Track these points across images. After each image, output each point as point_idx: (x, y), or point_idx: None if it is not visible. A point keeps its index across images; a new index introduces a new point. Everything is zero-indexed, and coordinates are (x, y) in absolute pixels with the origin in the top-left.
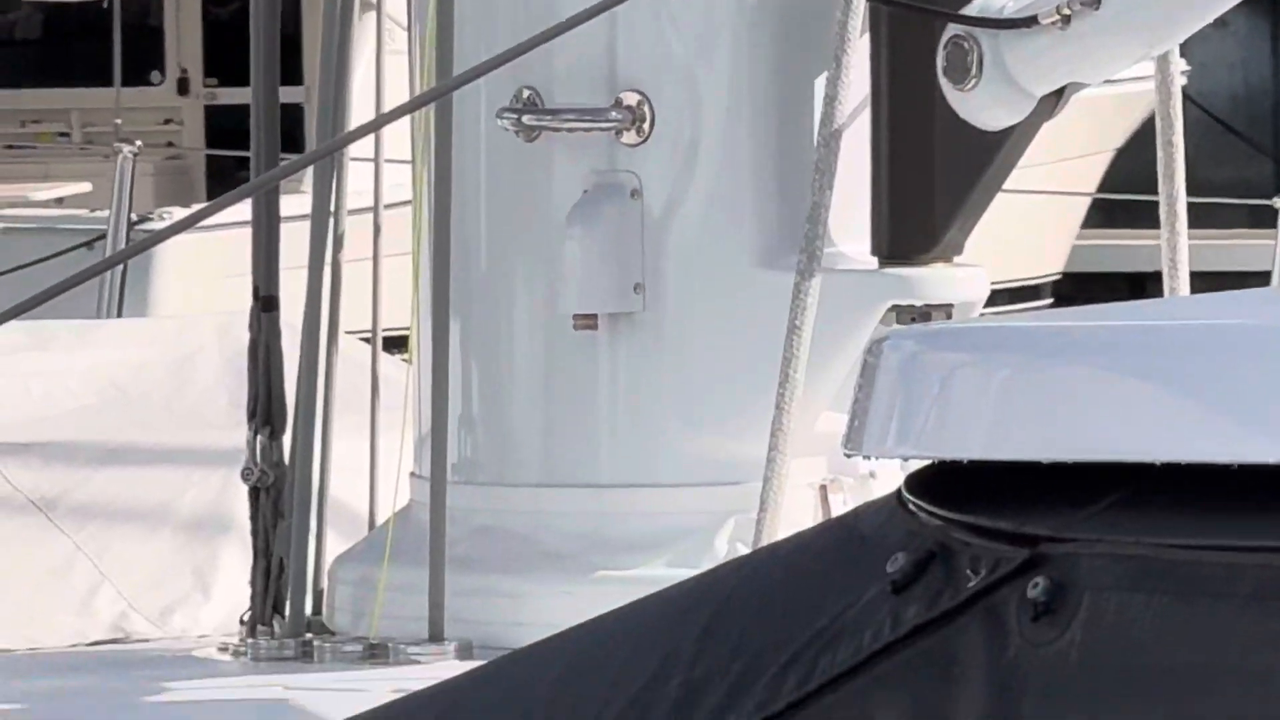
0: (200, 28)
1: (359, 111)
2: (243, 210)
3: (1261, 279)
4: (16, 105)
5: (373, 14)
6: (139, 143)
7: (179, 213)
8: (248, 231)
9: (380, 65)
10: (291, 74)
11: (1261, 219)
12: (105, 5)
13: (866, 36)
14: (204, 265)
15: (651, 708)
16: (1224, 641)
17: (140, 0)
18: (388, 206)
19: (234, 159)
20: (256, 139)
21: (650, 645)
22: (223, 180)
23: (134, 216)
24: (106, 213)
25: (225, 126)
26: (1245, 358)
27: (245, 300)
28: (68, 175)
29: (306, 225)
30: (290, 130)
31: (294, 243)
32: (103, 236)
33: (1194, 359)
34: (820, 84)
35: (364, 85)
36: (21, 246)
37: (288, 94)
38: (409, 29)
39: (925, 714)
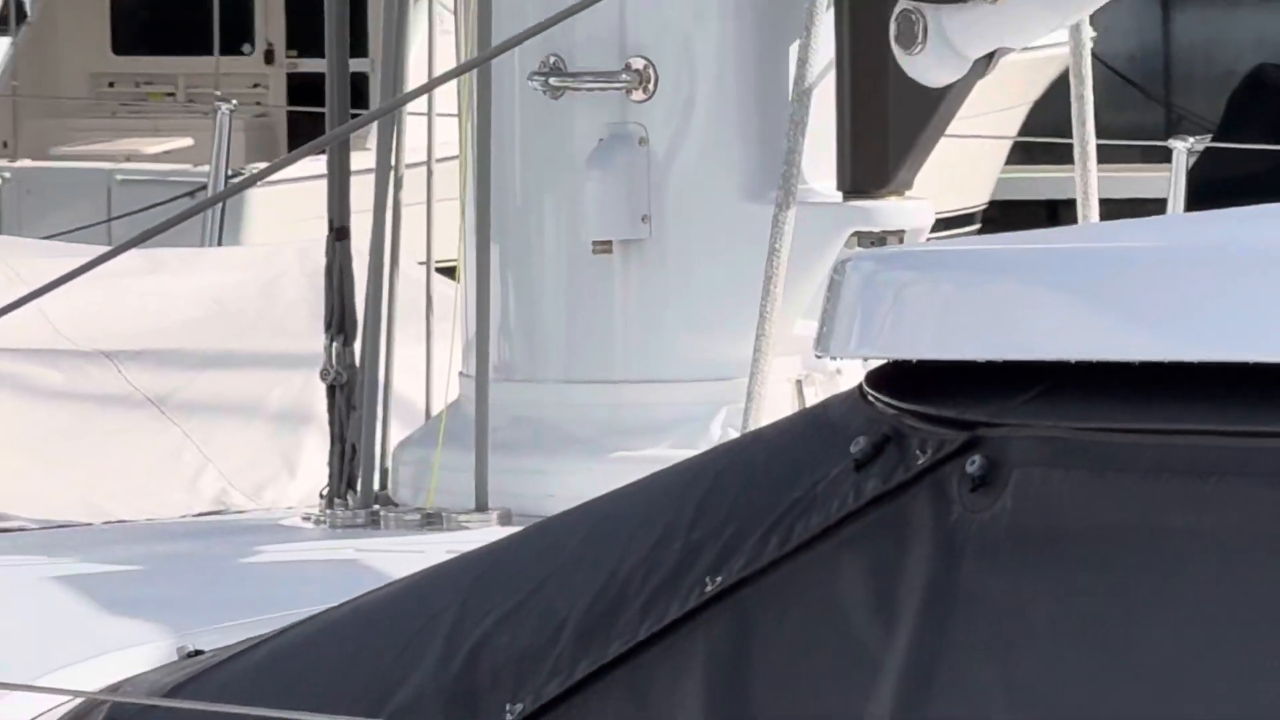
0: (283, 7)
1: (414, 78)
2: (318, 162)
3: (1157, 206)
4: (132, 70)
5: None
6: (234, 101)
7: (266, 165)
8: (323, 181)
9: (432, 39)
10: (359, 47)
11: (1155, 156)
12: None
13: (832, 10)
14: (286, 206)
15: (658, 565)
16: (1127, 507)
17: None
18: (439, 160)
19: (311, 117)
20: (330, 100)
21: (657, 514)
22: (302, 136)
23: (229, 170)
24: (207, 166)
25: (304, 90)
26: (1143, 273)
27: (322, 233)
28: (173, 131)
29: (371, 177)
30: (358, 94)
31: (360, 191)
32: (204, 186)
33: (1101, 274)
34: (794, 49)
35: (418, 57)
36: (136, 194)
37: (356, 64)
38: (454, 9)
39: (883, 570)
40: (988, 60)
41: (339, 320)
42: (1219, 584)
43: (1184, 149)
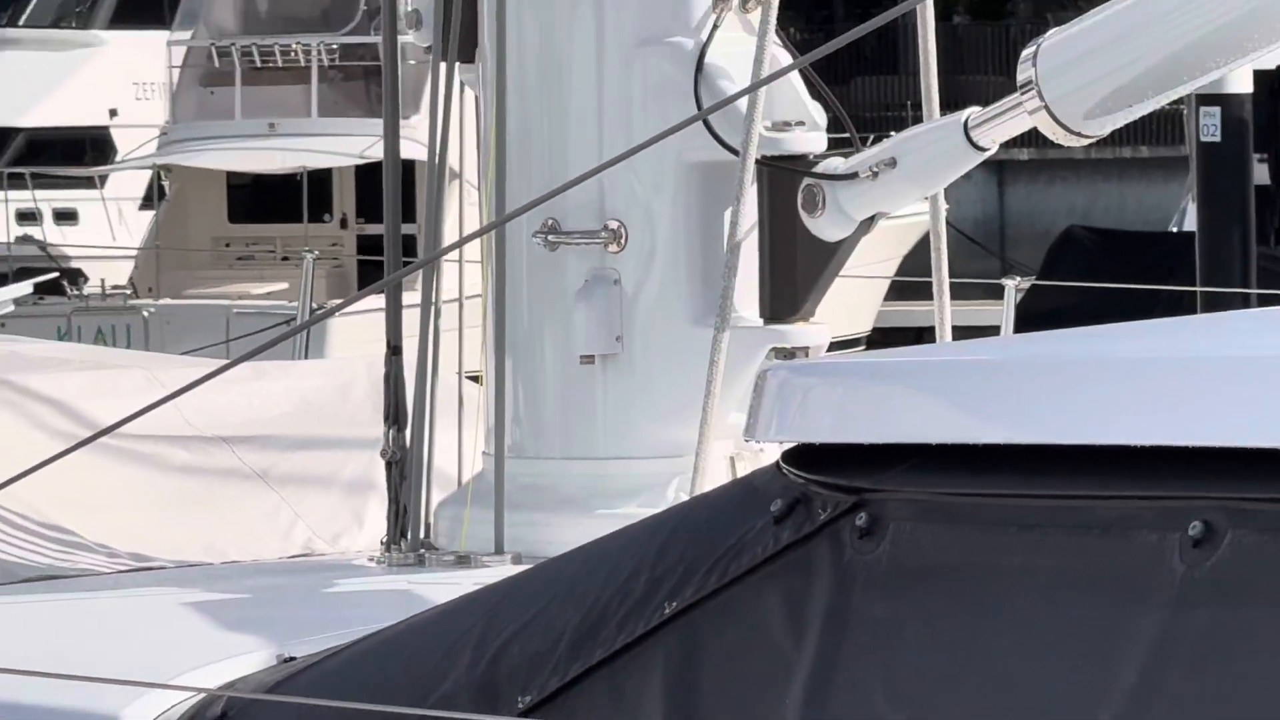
0: (354, 186)
1: (449, 236)
2: (379, 299)
3: (994, 331)
4: (243, 234)
5: (457, 181)
6: (317, 254)
7: (339, 301)
8: (382, 313)
9: (461, 209)
10: (409, 214)
11: (992, 294)
12: (296, 180)
13: (755, 185)
14: (355, 332)
15: (630, 593)
16: (974, 551)
17: (317, 172)
18: (468, 297)
19: (374, 266)
20: (388, 254)
21: (629, 556)
22: (367, 280)
23: (314, 304)
24: (298, 302)
25: (368, 247)
26: (982, 378)
27: (382, 350)
28: (273, 278)
29: (417, 310)
30: (408, 249)
31: (409, 320)
32: (294, 317)
33: (951, 379)
34: (728, 214)
35: (452, 222)
36: (246, 323)
37: (406, 228)
38: (477, 186)
39: (795, 598)
40: (870, 222)
41: (394, 414)
42: (1042, 607)
43: (1013, 287)
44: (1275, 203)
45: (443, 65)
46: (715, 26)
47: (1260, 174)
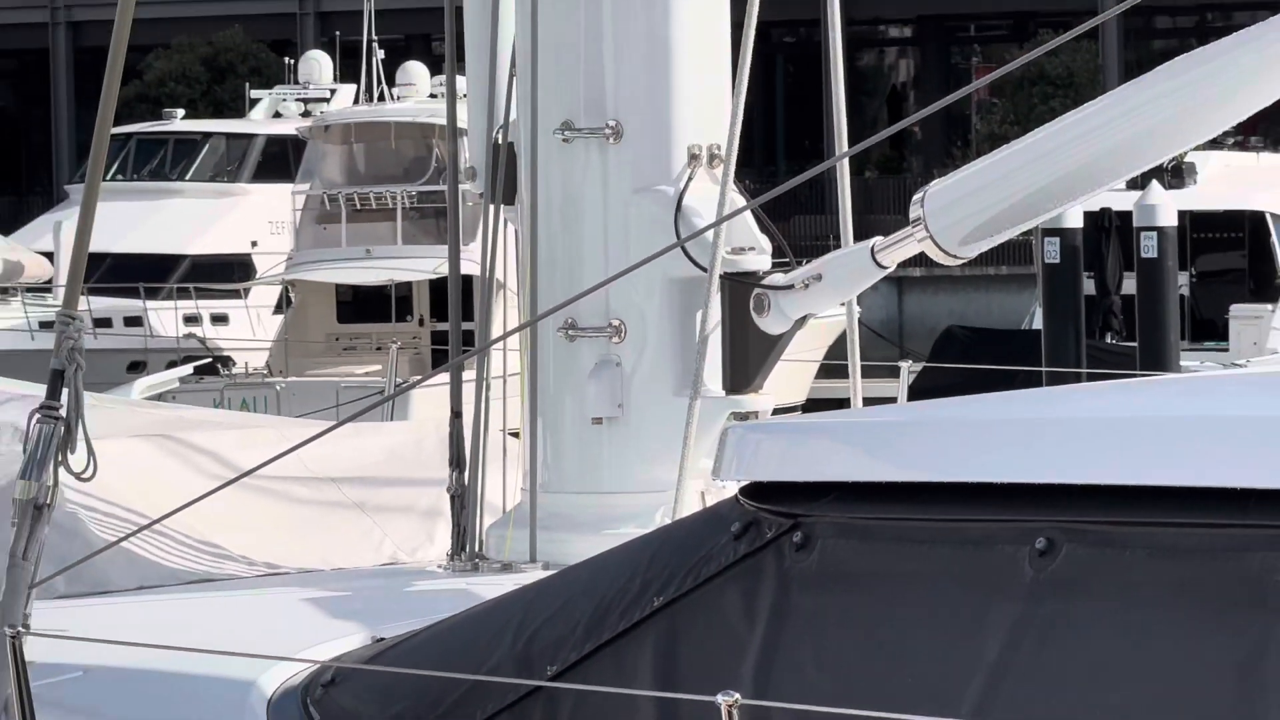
0: (429, 296)
1: (496, 329)
2: (445, 376)
3: (892, 402)
4: (348, 331)
5: (502, 291)
6: (400, 343)
7: (416, 378)
8: (447, 386)
9: (505, 311)
10: (468, 315)
11: (892, 374)
12: (386, 292)
13: (718, 292)
14: (428, 401)
15: (628, 591)
16: (882, 561)
17: (401, 284)
18: (510, 374)
19: (442, 354)
20: (452, 344)
21: (626, 564)
22: (438, 364)
23: (398, 380)
24: (386, 379)
25: (439, 339)
26: (883, 434)
27: (447, 414)
28: (369, 361)
29: (472, 385)
30: (467, 340)
31: (467, 391)
32: (383, 389)
33: (861, 434)
34: (700, 314)
35: (498, 320)
36: (350, 394)
37: (466, 325)
38: (518, 295)
39: (748, 595)
40: (802, 320)
41: (457, 460)
42: (929, 601)
43: (906, 369)
44: (1099, 308)
45: (492, 207)
46: (689, 178)
47: (1088, 287)
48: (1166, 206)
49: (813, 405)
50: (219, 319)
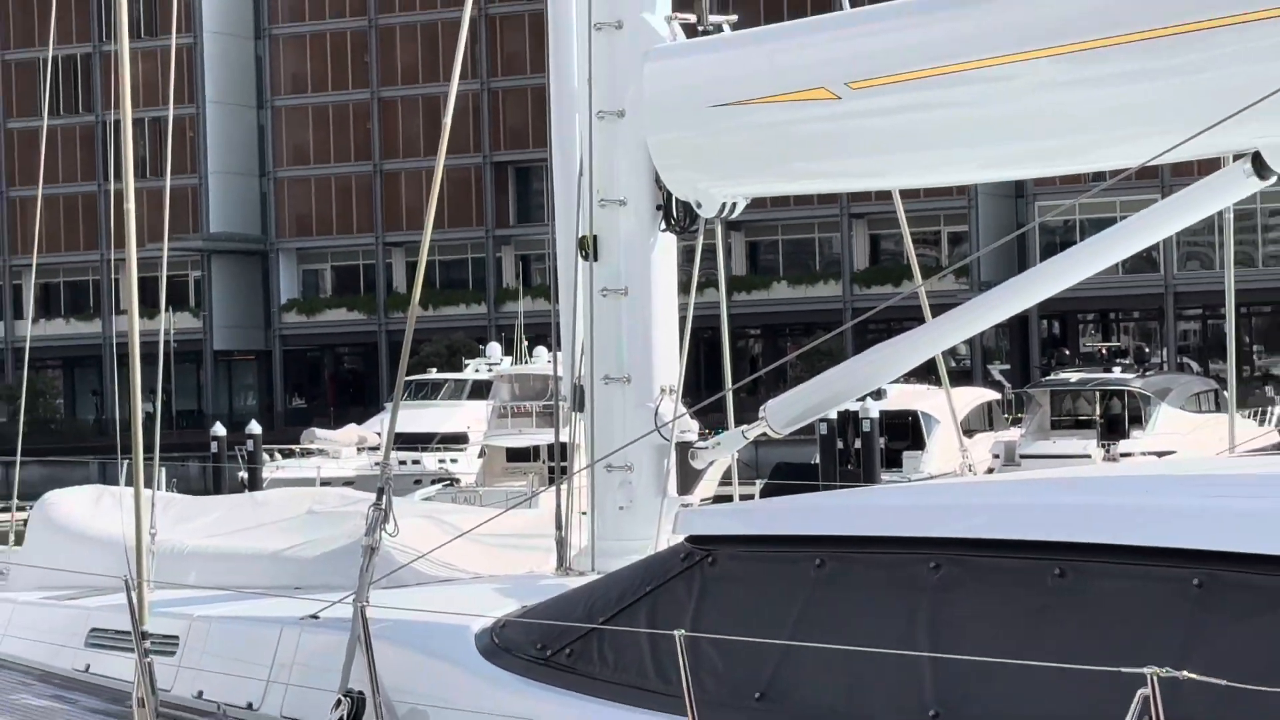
0: (546, 452)
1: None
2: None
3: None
4: (510, 467)
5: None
6: (533, 473)
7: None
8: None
9: (577, 451)
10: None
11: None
12: (527, 449)
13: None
14: (548, 497)
15: (634, 583)
16: (757, 576)
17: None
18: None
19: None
20: (556, 479)
21: (634, 571)
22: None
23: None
24: (527, 489)
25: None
26: (751, 508)
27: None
28: (521, 480)
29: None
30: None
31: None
32: (526, 493)
33: (739, 510)
34: (665, 461)
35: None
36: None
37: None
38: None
39: (688, 586)
40: (712, 463)
41: (559, 525)
42: (783, 598)
43: (759, 484)
44: (845, 455)
45: (575, 414)
46: (661, 401)
47: (841, 444)
48: (870, 408)
49: (721, 498)
50: (454, 461)
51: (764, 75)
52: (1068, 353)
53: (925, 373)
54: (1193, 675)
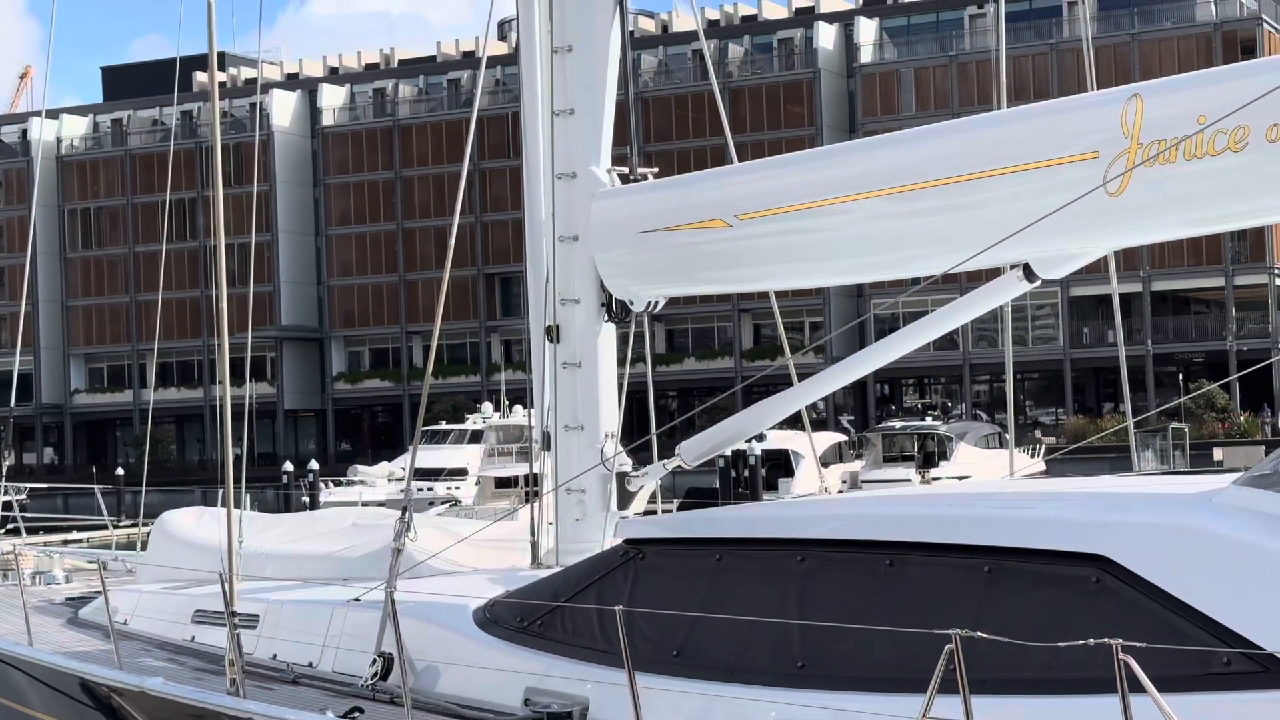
0: (524, 479)
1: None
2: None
3: None
4: (500, 492)
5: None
6: (514, 495)
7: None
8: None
9: (550, 469)
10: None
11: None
12: (515, 478)
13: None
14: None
15: (586, 572)
16: (682, 568)
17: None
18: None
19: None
20: (529, 500)
21: (587, 564)
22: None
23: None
24: (513, 506)
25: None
26: (674, 519)
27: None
28: (509, 499)
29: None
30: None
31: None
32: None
33: (665, 520)
34: (609, 487)
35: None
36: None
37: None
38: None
39: (625, 576)
40: (643, 488)
41: (532, 531)
42: (708, 585)
43: (675, 503)
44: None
45: (545, 453)
46: (611, 453)
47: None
48: (755, 447)
49: (649, 512)
50: (457, 488)
51: (677, 210)
52: (894, 407)
53: (794, 421)
54: (985, 635)
